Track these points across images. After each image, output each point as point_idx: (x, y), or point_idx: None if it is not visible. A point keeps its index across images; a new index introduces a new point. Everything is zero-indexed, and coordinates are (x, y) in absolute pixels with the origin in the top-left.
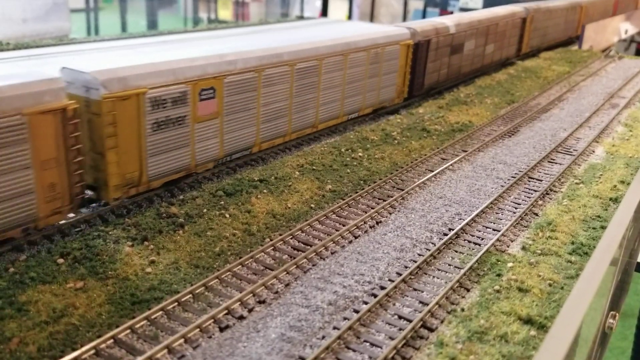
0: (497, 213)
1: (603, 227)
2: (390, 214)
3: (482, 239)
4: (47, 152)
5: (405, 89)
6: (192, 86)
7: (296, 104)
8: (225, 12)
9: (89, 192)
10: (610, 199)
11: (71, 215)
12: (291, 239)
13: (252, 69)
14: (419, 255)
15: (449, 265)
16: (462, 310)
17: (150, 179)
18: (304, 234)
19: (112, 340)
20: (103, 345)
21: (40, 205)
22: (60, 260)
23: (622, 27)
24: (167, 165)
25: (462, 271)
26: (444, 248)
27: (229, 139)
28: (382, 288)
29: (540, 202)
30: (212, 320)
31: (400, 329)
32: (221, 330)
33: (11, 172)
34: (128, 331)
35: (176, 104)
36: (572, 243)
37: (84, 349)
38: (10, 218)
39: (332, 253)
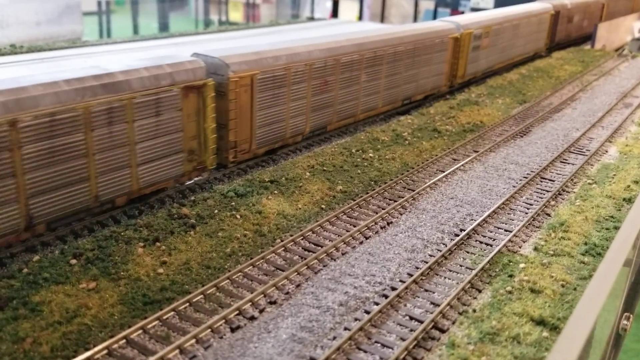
0: (509, 213)
1: (616, 228)
2: (401, 214)
3: (494, 240)
4: (447, 57)
5: (547, 41)
6: (483, 30)
7: (510, 45)
8: (236, 14)
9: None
10: (624, 199)
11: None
12: (302, 239)
13: (498, 24)
14: (430, 256)
15: (461, 266)
16: (474, 311)
17: (466, 76)
18: (315, 234)
19: (124, 341)
20: (115, 346)
21: (443, 81)
22: (73, 261)
23: (635, 26)
24: (473, 70)
25: (474, 272)
26: (455, 249)
27: (488, 61)
28: (393, 289)
29: (552, 203)
30: (224, 320)
31: (411, 330)
32: (232, 330)
33: (439, 64)
34: (140, 331)
35: (478, 39)
36: (585, 244)
37: (96, 349)
38: (432, 85)
39: (342, 254)
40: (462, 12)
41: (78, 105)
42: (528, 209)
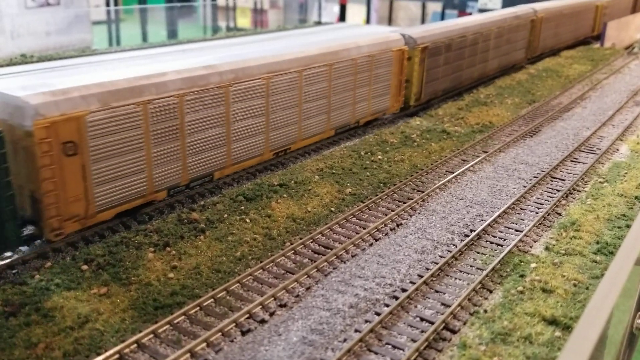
0: (519, 213)
1: (628, 226)
2: (410, 216)
3: (505, 240)
4: (592, 17)
5: None
6: (608, 4)
7: (616, 16)
8: (244, 20)
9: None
10: (636, 198)
11: None
12: (312, 242)
13: (614, 2)
14: (441, 257)
15: (471, 266)
16: (485, 311)
17: (596, 31)
18: (325, 237)
19: (135, 345)
20: (127, 350)
21: (588, 31)
22: (85, 267)
23: None
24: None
25: (485, 272)
26: (465, 249)
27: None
28: (404, 290)
29: (563, 202)
30: (234, 324)
31: (422, 331)
32: (243, 334)
33: (588, 21)
34: (151, 336)
35: (605, 9)
36: (597, 242)
37: (108, 353)
38: (584, 33)
39: (352, 256)
40: (470, 14)
41: (491, 28)
42: (538, 208)
